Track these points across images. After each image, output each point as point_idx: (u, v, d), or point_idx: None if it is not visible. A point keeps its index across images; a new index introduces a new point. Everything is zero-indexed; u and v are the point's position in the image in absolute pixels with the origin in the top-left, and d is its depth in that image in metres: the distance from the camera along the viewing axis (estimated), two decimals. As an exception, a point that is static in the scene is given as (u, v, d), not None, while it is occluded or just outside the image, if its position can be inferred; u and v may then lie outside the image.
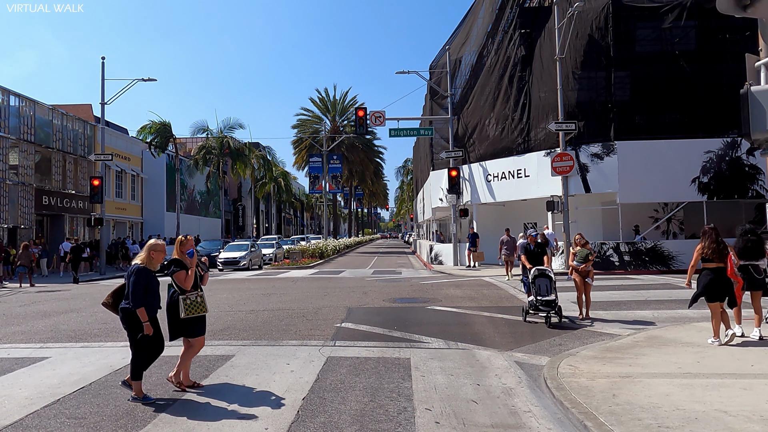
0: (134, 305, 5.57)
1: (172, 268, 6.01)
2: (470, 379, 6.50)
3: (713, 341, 7.80)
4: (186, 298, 5.88)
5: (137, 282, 5.65)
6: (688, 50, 20.81)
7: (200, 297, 5.99)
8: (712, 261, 7.78)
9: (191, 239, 6.34)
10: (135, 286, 5.63)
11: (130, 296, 5.60)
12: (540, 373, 6.77)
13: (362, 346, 8.34)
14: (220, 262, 27.47)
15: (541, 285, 9.66)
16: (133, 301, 5.58)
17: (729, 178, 20.04)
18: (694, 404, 5.22)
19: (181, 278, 5.94)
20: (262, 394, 5.95)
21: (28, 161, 27.98)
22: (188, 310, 5.87)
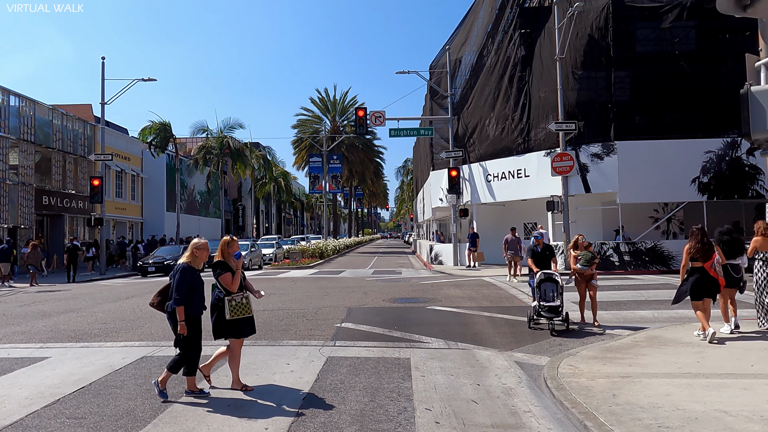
0: (175, 303, 5.60)
1: (218, 270, 5.97)
2: (470, 379, 6.50)
3: (698, 333, 8.30)
4: (232, 300, 5.88)
5: (182, 280, 5.68)
6: (688, 50, 20.81)
7: (245, 299, 5.99)
8: (698, 260, 8.17)
9: (237, 240, 6.33)
10: (179, 285, 5.65)
11: (174, 294, 5.63)
12: (540, 373, 6.77)
13: (362, 346, 8.34)
14: None
15: (546, 290, 9.10)
16: (176, 298, 5.60)
17: (729, 178, 20.03)
18: (694, 404, 5.22)
19: (227, 281, 5.93)
20: (262, 394, 5.94)
21: (28, 161, 27.99)
22: (234, 312, 5.86)
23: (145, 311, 12.59)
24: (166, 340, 9.06)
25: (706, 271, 8.05)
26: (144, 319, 11.35)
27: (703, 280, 8.06)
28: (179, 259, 6.19)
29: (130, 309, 13.04)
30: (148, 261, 25.77)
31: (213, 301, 6.01)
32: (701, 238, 8.16)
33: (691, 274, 8.22)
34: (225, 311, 5.85)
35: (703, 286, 8.08)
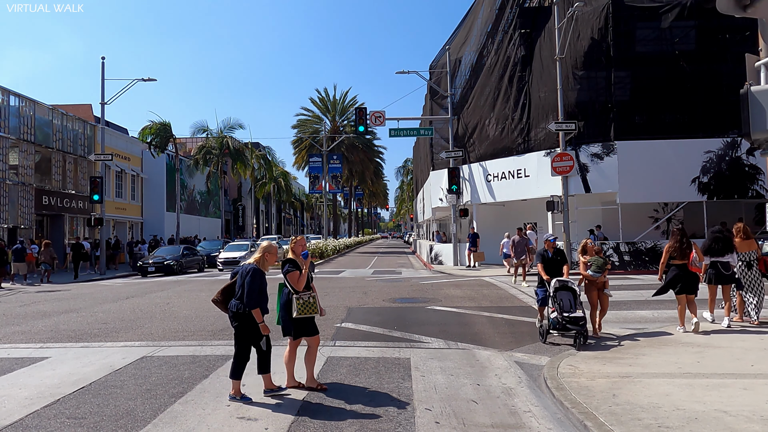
0: (250, 306, 5.57)
1: (286, 267, 5.97)
2: (470, 379, 6.50)
3: (679, 329, 8.75)
4: (299, 298, 5.88)
5: (253, 282, 5.63)
6: (688, 50, 20.81)
7: (313, 298, 5.99)
8: (676, 258, 8.79)
9: (303, 239, 6.33)
10: (251, 287, 5.59)
11: (246, 296, 5.58)
12: (540, 373, 6.77)
13: (362, 346, 8.34)
14: (220, 261, 27.30)
15: (563, 299, 8.19)
16: (249, 301, 5.56)
17: (729, 178, 20.04)
18: (694, 404, 5.22)
19: (294, 278, 5.93)
20: (261, 394, 5.94)
21: (28, 161, 27.98)
22: (301, 310, 5.87)
23: (145, 311, 12.60)
24: (166, 340, 9.07)
25: (685, 267, 8.67)
26: (144, 319, 11.35)
27: (682, 275, 8.68)
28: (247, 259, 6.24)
29: (130, 309, 13.04)
30: (148, 261, 25.76)
31: (284, 299, 6.04)
32: (680, 237, 8.77)
33: (671, 271, 8.88)
34: (292, 309, 5.87)
35: (681, 280, 8.68)
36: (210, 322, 10.82)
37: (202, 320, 11.04)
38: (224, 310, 5.98)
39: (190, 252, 28.14)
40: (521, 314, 11.27)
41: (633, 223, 21.24)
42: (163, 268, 24.94)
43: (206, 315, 11.72)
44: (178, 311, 12.45)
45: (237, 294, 5.74)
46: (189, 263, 26.87)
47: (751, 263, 9.20)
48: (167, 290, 17.41)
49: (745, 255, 9.22)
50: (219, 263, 27.30)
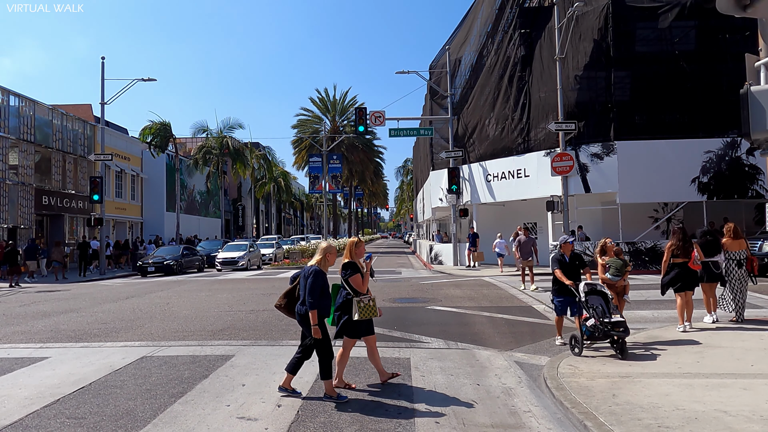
0: (310, 307, 5.58)
1: (348, 271, 5.98)
2: (470, 379, 6.50)
3: (679, 327, 8.85)
4: (360, 301, 5.88)
5: (315, 284, 5.63)
6: (688, 50, 20.81)
7: (373, 301, 6.00)
8: (679, 256, 8.89)
9: (364, 242, 6.38)
10: (313, 288, 5.59)
11: (307, 298, 5.60)
12: (540, 373, 6.77)
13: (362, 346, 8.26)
14: (218, 262, 27.21)
15: (595, 304, 7.59)
16: (310, 303, 5.57)
17: (729, 177, 20.03)
18: (694, 404, 5.22)
19: (357, 282, 5.94)
20: (261, 394, 5.95)
21: (27, 161, 27.98)
22: (362, 313, 5.86)
23: (144, 311, 12.60)
24: (165, 340, 9.07)
25: (687, 266, 8.82)
26: (144, 319, 11.35)
27: (684, 273, 8.83)
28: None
29: (130, 309, 13.04)
30: (148, 261, 25.72)
31: (341, 300, 6.04)
32: (682, 236, 8.92)
33: (673, 269, 8.99)
34: (353, 312, 5.87)
35: (683, 278, 8.85)
36: (210, 322, 10.82)
37: (202, 320, 11.03)
38: (288, 315, 6.04)
39: (190, 252, 28.12)
40: (521, 314, 11.27)
41: (633, 223, 21.25)
42: (163, 268, 24.91)
43: (206, 315, 11.72)
44: (178, 311, 12.45)
45: (301, 298, 5.80)
46: (188, 263, 26.88)
47: (741, 262, 9.37)
48: (167, 290, 17.41)
49: (735, 254, 9.37)
50: (217, 263, 27.22)
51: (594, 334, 7.43)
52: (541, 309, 11.87)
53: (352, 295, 5.94)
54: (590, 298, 7.69)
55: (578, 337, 7.57)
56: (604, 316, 7.32)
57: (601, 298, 7.74)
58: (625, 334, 7.21)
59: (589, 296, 7.73)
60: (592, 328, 7.37)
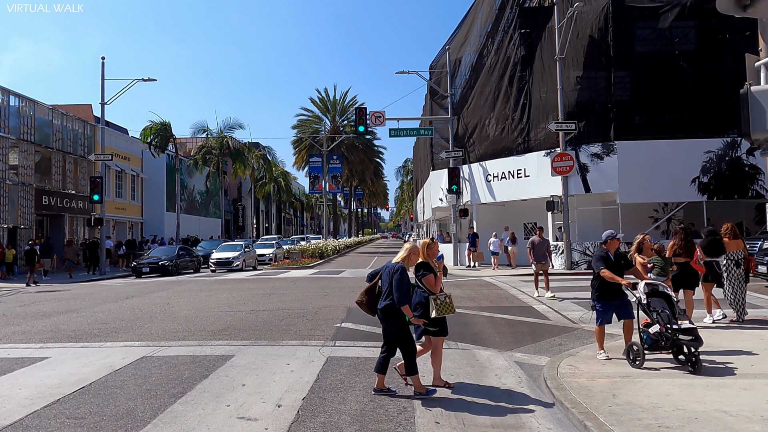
0: (401, 302, 5.61)
1: (421, 271, 6.02)
2: (470, 379, 6.50)
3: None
4: (436, 299, 5.91)
5: (402, 280, 5.68)
6: (688, 50, 20.82)
7: (449, 298, 6.03)
8: (681, 256, 8.91)
9: (437, 243, 6.37)
10: (400, 284, 5.65)
11: (395, 293, 5.62)
12: (540, 373, 6.77)
13: (362, 346, 8.34)
14: (212, 262, 26.64)
15: (659, 308, 6.69)
16: (400, 298, 5.60)
17: (729, 178, 20.05)
18: (694, 404, 5.22)
19: (431, 282, 5.99)
20: (262, 394, 5.94)
21: (28, 161, 27.98)
22: (440, 310, 5.88)
23: (145, 311, 12.60)
24: (165, 340, 9.07)
25: (689, 266, 8.83)
26: (144, 319, 11.35)
27: (685, 273, 8.85)
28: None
29: (130, 309, 13.04)
30: (143, 262, 25.28)
31: (418, 300, 6.05)
32: (684, 236, 8.94)
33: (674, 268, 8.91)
34: (430, 309, 5.89)
35: (684, 278, 8.87)
36: (210, 322, 10.81)
37: (202, 320, 11.03)
38: (368, 312, 6.05)
39: (186, 252, 27.71)
40: (521, 314, 11.27)
41: (633, 223, 21.23)
42: (158, 268, 24.49)
43: (206, 315, 11.72)
44: (177, 311, 12.45)
45: (384, 293, 5.82)
46: (184, 264, 26.44)
47: (739, 262, 9.42)
48: (167, 290, 17.41)
49: (733, 254, 9.42)
50: (211, 264, 26.67)
51: (658, 343, 6.52)
52: (542, 309, 11.87)
53: (428, 294, 5.97)
54: (652, 301, 6.80)
55: (637, 348, 6.62)
56: (671, 322, 6.40)
57: (665, 300, 6.84)
58: (698, 344, 6.24)
59: (652, 298, 6.84)
60: (656, 335, 6.45)
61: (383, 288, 5.87)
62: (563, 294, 13.83)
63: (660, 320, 6.48)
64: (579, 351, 7.70)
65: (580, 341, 8.62)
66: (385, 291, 5.82)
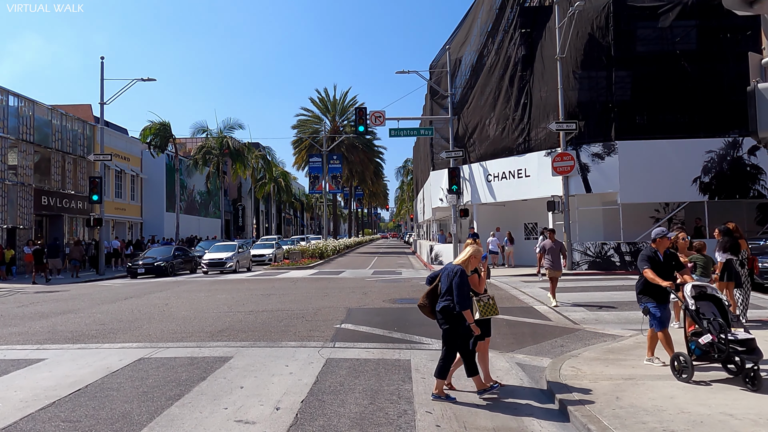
0: (461, 307, 5.53)
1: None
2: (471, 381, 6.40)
3: (674, 324, 8.88)
4: (479, 300, 5.86)
5: (463, 283, 5.59)
6: (689, 50, 20.73)
7: (492, 300, 5.96)
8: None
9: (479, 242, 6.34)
10: (461, 287, 5.56)
11: (456, 297, 5.54)
12: (542, 374, 6.69)
13: (362, 347, 8.26)
14: (204, 263, 25.63)
15: (708, 313, 6.01)
16: (461, 302, 5.52)
17: (730, 178, 19.96)
18: (699, 407, 5.14)
19: (474, 282, 5.95)
20: (260, 397, 5.86)
21: (27, 161, 27.89)
22: (483, 311, 5.81)
23: (143, 312, 12.52)
24: (163, 342, 8.99)
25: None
26: (142, 321, 11.27)
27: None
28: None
29: (129, 310, 12.96)
30: (138, 262, 24.81)
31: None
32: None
33: None
34: (473, 311, 5.81)
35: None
36: (208, 323, 10.73)
37: (200, 321, 10.95)
38: (430, 316, 5.98)
39: (183, 253, 27.17)
40: (522, 315, 11.19)
41: (634, 224, 21.17)
42: (154, 269, 24.06)
43: (205, 316, 11.64)
44: (176, 312, 12.37)
45: (443, 295, 5.74)
46: (181, 264, 25.95)
47: (743, 262, 9.35)
48: (166, 291, 17.33)
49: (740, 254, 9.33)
50: (203, 265, 25.65)
51: (709, 355, 5.82)
52: (543, 310, 11.79)
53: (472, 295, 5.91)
54: (701, 306, 6.08)
55: (685, 359, 5.94)
56: (724, 332, 5.70)
57: (714, 305, 6.07)
58: (757, 358, 5.53)
59: (701, 302, 6.11)
60: (707, 346, 5.76)
61: (442, 289, 5.78)
62: (566, 294, 13.69)
63: (712, 329, 5.76)
64: (581, 352, 7.61)
65: (582, 342, 8.54)
66: (443, 292, 5.74)
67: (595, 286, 15.15)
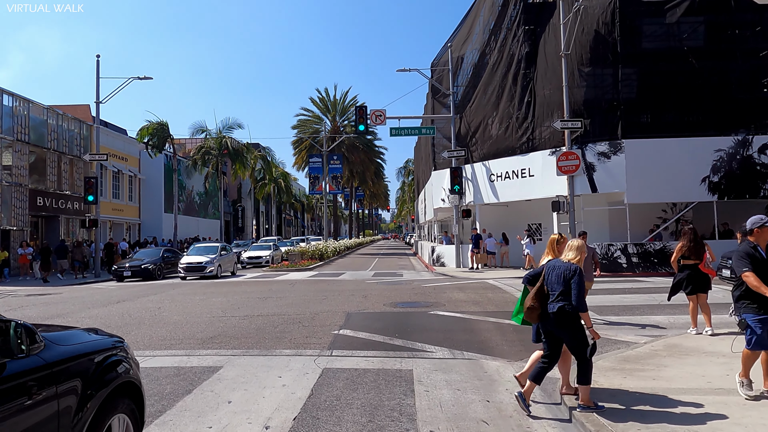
0: (583, 308, 5.09)
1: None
2: (479, 395, 5.92)
3: (691, 330, 8.60)
4: None
5: (581, 283, 5.12)
6: (697, 46, 20.25)
7: None
8: (690, 258, 8.58)
9: (566, 239, 5.87)
10: (580, 288, 5.10)
11: (576, 299, 5.07)
12: (555, 387, 6.19)
13: (361, 356, 7.76)
14: (181, 267, 23.13)
15: None
16: (580, 304, 5.07)
17: (740, 177, 19.45)
18: (733, 427, 4.64)
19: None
20: (249, 413, 5.37)
21: (22, 161, 27.45)
22: None
23: (134, 316, 12.03)
24: (150, 349, 8.49)
25: (697, 268, 8.51)
26: (131, 326, 10.77)
27: (694, 275, 8.50)
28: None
29: (119, 314, 12.47)
30: (125, 265, 23.62)
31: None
32: (693, 237, 8.59)
33: (682, 271, 8.67)
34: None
35: (693, 281, 8.51)
36: (200, 329, 10.24)
37: (192, 327, 10.45)
38: (536, 320, 5.40)
39: (172, 255, 26.03)
40: (529, 320, 10.67)
41: (640, 224, 20.68)
42: (141, 272, 22.87)
43: (197, 321, 11.15)
44: (168, 317, 11.88)
45: (555, 296, 5.21)
46: (170, 267, 24.79)
47: None
48: (161, 294, 16.84)
49: None
50: (180, 269, 23.14)
51: None
52: (550, 314, 11.28)
53: None
54: None
55: None
56: None
57: None
58: None
59: None
60: None
61: (553, 290, 5.25)
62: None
63: None
64: (595, 361, 7.07)
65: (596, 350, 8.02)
66: (555, 294, 5.22)
67: (603, 289, 14.63)
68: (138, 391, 3.82)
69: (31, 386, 2.74)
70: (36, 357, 2.87)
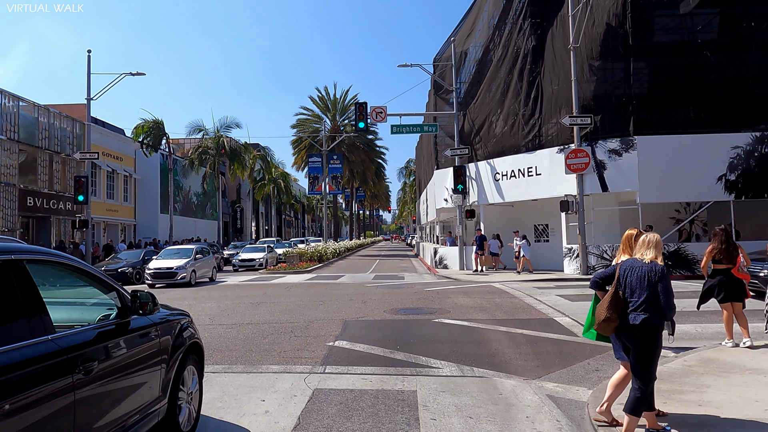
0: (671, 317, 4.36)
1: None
2: (495, 425, 5.03)
3: (726, 342, 7.80)
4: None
5: (670, 288, 4.30)
6: (711, 39, 19.36)
7: None
8: (722, 262, 7.81)
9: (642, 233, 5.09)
10: (670, 293, 4.27)
11: (666, 306, 4.24)
12: (583, 413, 5.31)
13: (357, 373, 6.87)
14: (148, 274, 20.91)
15: None
16: (669, 311, 4.26)
17: (758, 175, 18.54)
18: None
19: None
20: (221, 450, 4.49)
21: (11, 160, 26.62)
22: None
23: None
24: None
25: (729, 273, 7.73)
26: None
27: (727, 282, 7.71)
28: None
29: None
30: (101, 269, 21.25)
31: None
32: (725, 238, 7.83)
33: (714, 276, 7.90)
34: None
35: (726, 287, 7.72)
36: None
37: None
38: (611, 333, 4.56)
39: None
40: (543, 329, 9.78)
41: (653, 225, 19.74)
42: (117, 276, 21.03)
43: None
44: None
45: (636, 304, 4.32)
46: None
47: None
48: (149, 298, 15.93)
49: None
50: (147, 276, 20.93)
51: None
52: (565, 322, 10.39)
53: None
54: None
55: None
56: None
57: None
58: None
59: None
60: None
61: (634, 297, 4.36)
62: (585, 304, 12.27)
63: None
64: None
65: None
66: (637, 302, 4.33)
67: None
68: (201, 350, 5.10)
69: (145, 334, 4.11)
70: (146, 318, 4.20)
